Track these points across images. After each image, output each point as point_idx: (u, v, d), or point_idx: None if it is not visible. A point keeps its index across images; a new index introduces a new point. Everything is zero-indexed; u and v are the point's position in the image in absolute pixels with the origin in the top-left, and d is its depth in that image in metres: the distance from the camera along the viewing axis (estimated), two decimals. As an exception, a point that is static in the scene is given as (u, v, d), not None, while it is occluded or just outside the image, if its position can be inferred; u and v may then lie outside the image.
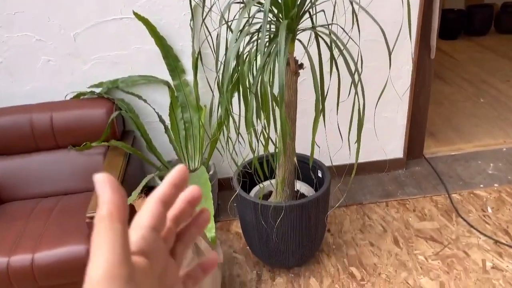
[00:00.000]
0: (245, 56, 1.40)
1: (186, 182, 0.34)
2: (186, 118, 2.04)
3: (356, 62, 1.29)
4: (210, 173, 2.04)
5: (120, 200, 0.28)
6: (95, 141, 1.86)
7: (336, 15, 1.92)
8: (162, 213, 0.31)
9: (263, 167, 1.89)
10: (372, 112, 2.28)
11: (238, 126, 1.44)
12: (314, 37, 1.44)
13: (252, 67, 1.46)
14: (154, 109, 2.04)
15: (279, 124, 1.30)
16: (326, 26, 1.37)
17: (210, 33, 1.93)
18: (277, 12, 1.35)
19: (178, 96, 2.02)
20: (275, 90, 1.43)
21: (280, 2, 1.30)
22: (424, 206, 2.21)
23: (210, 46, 1.99)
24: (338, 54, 1.33)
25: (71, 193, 1.87)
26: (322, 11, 1.86)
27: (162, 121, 2.00)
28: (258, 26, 1.40)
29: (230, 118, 1.37)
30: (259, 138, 1.46)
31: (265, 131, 1.39)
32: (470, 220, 2.10)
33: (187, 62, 2.03)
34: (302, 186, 1.88)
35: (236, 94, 1.46)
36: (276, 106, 1.38)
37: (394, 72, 2.22)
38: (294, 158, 1.65)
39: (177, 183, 0.33)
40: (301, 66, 1.48)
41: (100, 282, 0.25)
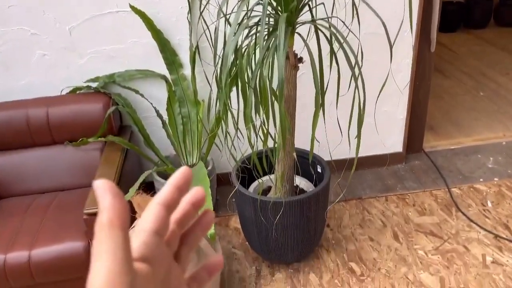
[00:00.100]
0: (243, 50, 1.37)
1: (190, 184, 0.33)
2: (184, 113, 2.02)
3: (356, 55, 1.27)
4: (209, 168, 2.02)
5: (120, 206, 0.27)
6: (92, 136, 1.84)
7: (336, 8, 1.90)
8: (165, 217, 0.31)
9: (262, 163, 1.88)
10: (371, 106, 2.27)
11: (236, 121, 1.42)
12: (313, 30, 1.42)
13: (250, 61, 1.43)
14: (152, 103, 2.02)
15: (278, 119, 1.28)
16: (326, 19, 1.35)
17: (208, 26, 1.91)
18: (276, 5, 1.33)
19: (176, 90, 2.00)
20: (274, 85, 1.41)
21: (279, -6, 1.28)
22: (423, 201, 2.20)
23: (208, 39, 1.96)
24: (338, 48, 1.31)
25: (68, 189, 1.85)
26: (322, 4, 1.83)
27: (159, 116, 1.98)
28: (257, 19, 1.37)
29: (228, 113, 1.35)
30: (258, 133, 1.45)
31: (264, 126, 1.37)
32: (470, 214, 2.09)
33: (185, 56, 2.00)
34: (301, 181, 1.87)
35: (234, 88, 1.44)
36: (275, 101, 1.36)
37: (394, 65, 2.20)
38: (294, 153, 1.63)
39: (180, 186, 0.32)
40: (300, 60, 1.46)
41: None
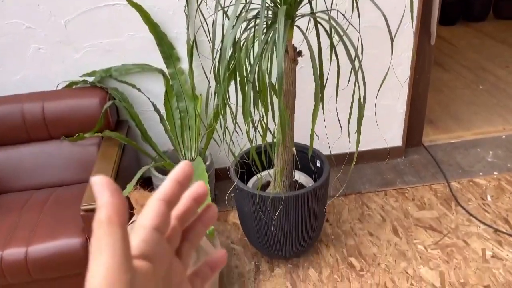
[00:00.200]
0: (242, 43, 1.35)
1: (191, 179, 0.32)
2: (181, 107, 2.00)
3: (356, 48, 1.25)
4: (207, 163, 2.00)
5: (118, 203, 0.27)
6: (89, 131, 1.81)
7: (335, 1, 1.87)
8: (165, 213, 0.30)
9: (261, 157, 1.86)
10: (371, 100, 2.25)
11: (235, 116, 1.40)
12: (313, 23, 1.39)
13: (249, 55, 1.41)
14: (149, 98, 1.99)
15: (278, 113, 1.26)
16: (326, 12, 1.33)
17: (205, 19, 1.88)
18: (275, -3, 1.30)
19: (173, 84, 1.98)
20: (273, 79, 1.39)
21: (278, -14, 1.26)
22: (423, 195, 2.19)
23: (205, 33, 1.93)
24: (338, 41, 1.29)
25: (65, 184, 1.84)
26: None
27: (157, 110, 1.96)
28: (255, 12, 1.35)
29: (227, 107, 1.33)
30: (257, 128, 1.43)
31: (263, 121, 1.35)
32: (470, 208, 2.08)
33: (182, 50, 1.98)
34: (300, 176, 1.85)
35: (232, 83, 1.42)
36: (274, 95, 1.34)
37: (394, 59, 2.17)
38: (293, 148, 1.62)
39: (181, 180, 0.31)
40: (299, 53, 1.44)
41: None
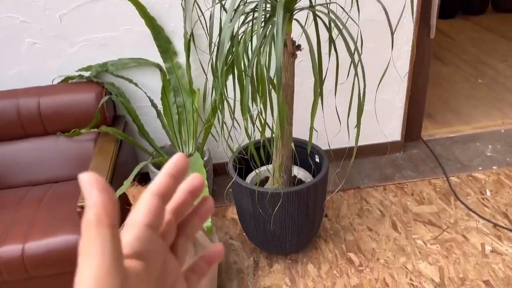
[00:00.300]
0: (240, 37, 1.33)
1: (186, 172, 0.30)
2: (179, 102, 1.98)
3: (355, 42, 1.23)
4: (205, 158, 1.99)
5: (108, 201, 0.25)
6: (85, 126, 1.79)
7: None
8: (159, 208, 0.28)
9: (260, 153, 1.84)
10: (370, 94, 2.23)
11: (233, 111, 1.38)
12: (312, 16, 1.37)
13: (247, 49, 1.39)
14: (146, 93, 1.97)
15: (276, 108, 1.25)
16: (325, 5, 1.30)
17: (203, 13, 1.86)
18: (273, -10, 1.28)
19: (170, 79, 1.95)
20: (271, 73, 1.37)
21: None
22: (422, 190, 2.19)
23: (203, 26, 1.91)
24: (337, 35, 1.27)
25: (62, 180, 1.82)
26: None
27: (154, 105, 1.93)
28: (253, 5, 1.33)
29: (225, 102, 1.32)
30: (255, 123, 1.41)
31: (261, 116, 1.34)
32: (469, 203, 2.08)
33: (179, 44, 1.95)
34: (299, 172, 1.84)
35: (230, 77, 1.40)
36: (272, 90, 1.32)
37: (393, 53, 2.15)
38: (292, 143, 1.60)
39: (175, 174, 0.30)
40: (298, 47, 1.42)
41: None
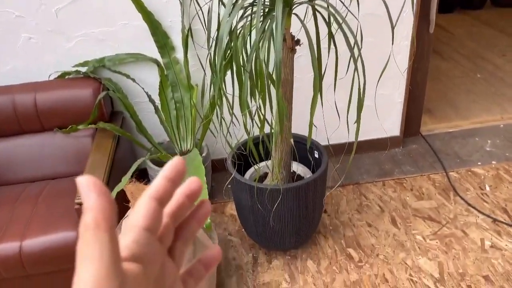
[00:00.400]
0: (238, 32, 1.31)
1: (183, 175, 0.30)
2: (177, 98, 1.96)
3: (355, 36, 1.21)
4: (203, 155, 1.97)
5: (106, 205, 0.25)
6: (82, 123, 1.78)
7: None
8: (156, 211, 0.29)
9: (259, 149, 1.83)
10: (369, 89, 2.22)
11: (232, 107, 1.37)
12: (311, 11, 1.36)
13: (246, 44, 1.37)
14: (143, 88, 1.95)
15: (275, 104, 1.23)
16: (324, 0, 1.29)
17: (201, 7, 1.84)
18: (272, -16, 1.26)
19: (168, 74, 1.94)
20: (270, 68, 1.36)
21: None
22: (421, 185, 2.18)
23: (201, 21, 1.89)
24: (337, 29, 1.26)
25: (59, 177, 1.80)
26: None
27: (152, 101, 1.92)
28: (252, 0, 1.31)
29: (223, 98, 1.30)
30: (254, 119, 1.40)
31: (260, 112, 1.32)
32: (468, 198, 2.07)
33: (177, 39, 1.93)
34: (298, 167, 1.83)
35: (229, 72, 1.38)
36: (271, 85, 1.31)
37: (393, 47, 2.14)
38: (291, 139, 1.59)
39: (172, 177, 0.30)
40: (297, 42, 1.40)
41: None
